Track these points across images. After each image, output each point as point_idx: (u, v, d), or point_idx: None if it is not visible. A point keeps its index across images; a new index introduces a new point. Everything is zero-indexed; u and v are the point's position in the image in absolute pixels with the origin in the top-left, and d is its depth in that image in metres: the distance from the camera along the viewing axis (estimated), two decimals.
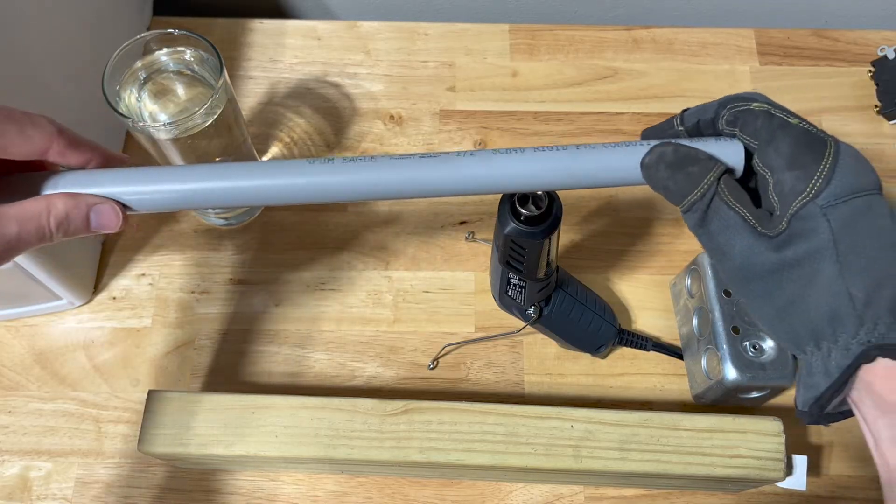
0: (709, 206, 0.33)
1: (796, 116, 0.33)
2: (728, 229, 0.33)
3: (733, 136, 0.35)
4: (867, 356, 0.30)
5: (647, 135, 0.38)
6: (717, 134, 0.35)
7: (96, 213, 0.33)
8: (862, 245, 0.30)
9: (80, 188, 0.34)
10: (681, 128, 0.36)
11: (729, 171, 0.34)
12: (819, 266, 0.31)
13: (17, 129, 0.32)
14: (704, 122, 0.36)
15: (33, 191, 0.33)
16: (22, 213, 0.31)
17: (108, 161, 0.36)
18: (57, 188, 0.33)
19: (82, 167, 0.35)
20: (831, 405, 0.31)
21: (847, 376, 0.30)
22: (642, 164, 0.34)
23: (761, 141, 0.33)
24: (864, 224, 0.31)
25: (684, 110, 0.37)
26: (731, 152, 0.34)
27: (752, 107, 0.34)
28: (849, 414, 0.32)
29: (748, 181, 0.35)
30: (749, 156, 0.34)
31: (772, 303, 0.33)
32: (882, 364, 0.30)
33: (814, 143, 0.32)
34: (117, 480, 0.51)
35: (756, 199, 0.34)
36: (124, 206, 0.34)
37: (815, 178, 0.31)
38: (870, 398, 0.30)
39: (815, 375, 0.31)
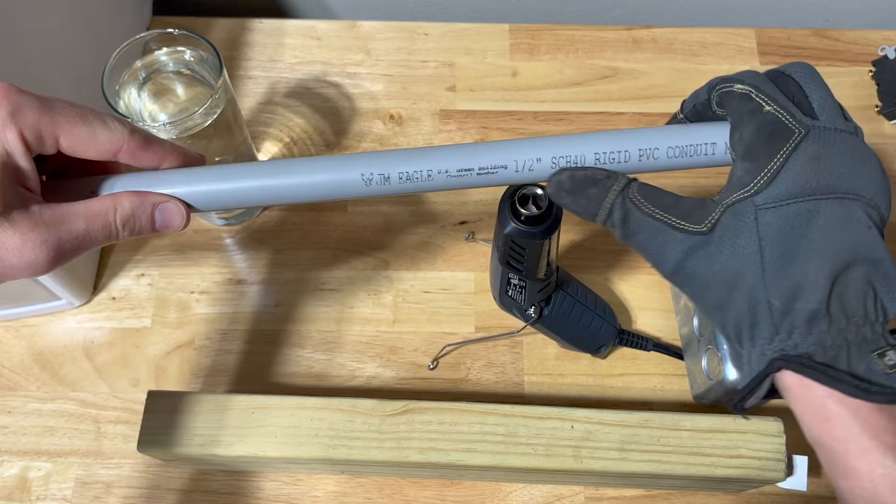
0: (624, 219, 0.33)
1: (778, 101, 0.32)
2: (654, 236, 0.32)
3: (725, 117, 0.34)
4: (773, 366, 0.30)
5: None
6: (715, 117, 0.35)
7: (161, 212, 0.33)
8: (787, 253, 0.30)
9: (144, 188, 0.34)
10: (681, 116, 0.36)
11: (634, 180, 0.33)
12: (743, 268, 0.30)
13: (88, 130, 0.32)
14: (700, 105, 0.35)
15: (98, 192, 0.34)
16: (89, 210, 0.32)
17: (184, 161, 0.35)
18: (122, 189, 0.33)
19: (156, 168, 0.35)
20: (749, 402, 0.32)
21: (758, 381, 0.31)
22: (548, 192, 0.35)
23: (732, 125, 0.33)
24: (798, 231, 0.30)
25: (684, 101, 0.37)
26: (718, 133, 0.34)
27: (734, 88, 0.33)
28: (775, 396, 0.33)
29: None
30: None
31: (703, 302, 0.32)
32: (790, 373, 0.30)
33: (776, 135, 0.31)
34: (117, 480, 0.51)
35: None
36: (188, 206, 0.34)
37: (762, 174, 0.30)
38: (792, 397, 0.31)
39: (742, 370, 0.32)
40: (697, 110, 0.36)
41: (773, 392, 0.32)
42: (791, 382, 0.30)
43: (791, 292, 0.30)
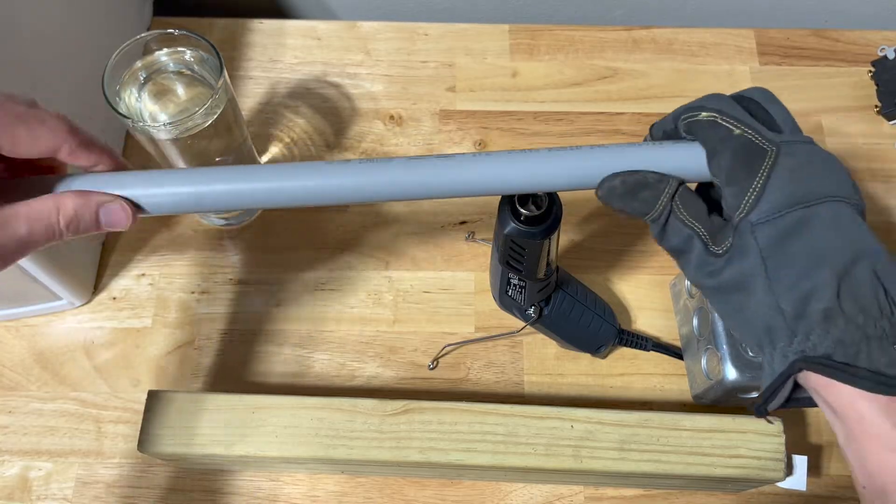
0: (666, 222, 0.34)
1: (744, 123, 0.33)
2: (684, 243, 0.34)
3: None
4: (794, 368, 0.30)
5: None
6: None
7: (106, 212, 0.33)
8: (789, 260, 0.31)
9: (93, 188, 0.34)
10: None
11: (683, 183, 0.35)
12: (753, 283, 0.32)
13: (26, 129, 0.32)
14: (668, 133, 0.36)
15: (43, 192, 0.33)
16: (31, 211, 0.32)
17: (117, 165, 0.35)
18: (68, 189, 0.33)
19: (91, 167, 0.35)
20: (773, 405, 0.32)
21: (781, 382, 0.31)
22: (598, 197, 0.35)
23: (708, 153, 0.34)
24: (794, 239, 0.31)
25: (652, 126, 0.38)
26: (694, 155, 0.35)
27: (699, 117, 0.34)
28: (807, 402, 0.33)
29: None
30: None
31: (723, 310, 0.34)
32: (813, 374, 0.30)
33: (751, 156, 0.32)
34: (117, 480, 0.51)
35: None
36: (136, 206, 0.34)
37: (748, 195, 0.32)
38: (821, 400, 0.31)
39: (765, 374, 0.33)
40: (668, 136, 0.37)
41: (797, 400, 0.33)
42: (817, 384, 0.31)
43: (800, 296, 0.31)
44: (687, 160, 0.35)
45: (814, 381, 0.31)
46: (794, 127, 0.34)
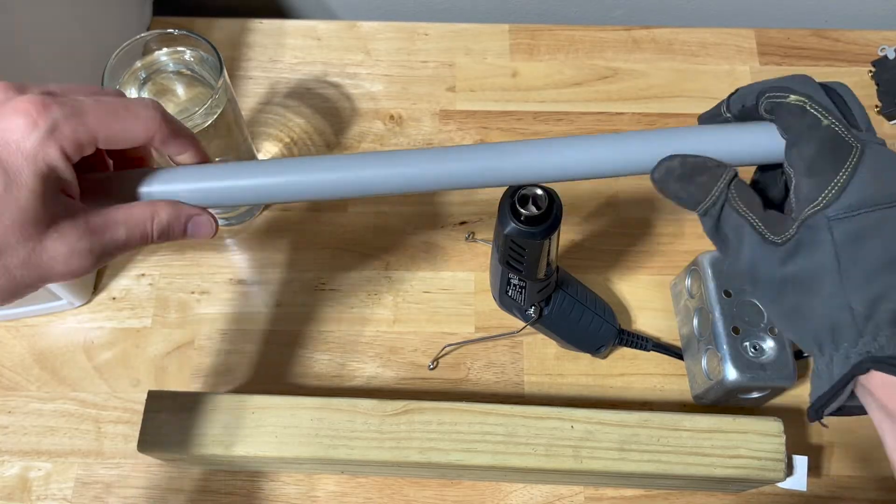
0: (721, 211, 0.34)
1: (833, 114, 0.32)
2: (738, 235, 0.33)
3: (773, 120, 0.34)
4: (861, 367, 0.30)
5: (702, 120, 0.37)
6: (760, 118, 0.35)
7: (194, 224, 0.35)
8: (866, 259, 0.30)
9: (176, 184, 0.34)
10: (728, 115, 0.36)
11: (737, 173, 0.34)
12: (821, 278, 0.31)
13: (121, 126, 0.32)
14: (748, 108, 0.35)
15: (127, 189, 0.34)
16: (130, 218, 0.33)
17: (201, 154, 0.36)
18: (151, 186, 0.34)
19: (179, 155, 0.35)
20: (830, 408, 0.32)
21: (843, 384, 0.31)
22: (653, 178, 0.34)
23: (789, 139, 0.33)
24: (872, 238, 0.30)
25: (732, 93, 0.36)
26: (766, 139, 0.34)
27: (788, 100, 0.33)
28: (856, 411, 0.33)
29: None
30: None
31: (778, 308, 0.33)
32: (878, 375, 0.30)
33: (837, 150, 0.32)
34: (117, 480, 0.51)
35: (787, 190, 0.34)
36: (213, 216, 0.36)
37: (829, 188, 0.31)
38: (874, 403, 0.31)
39: (821, 377, 0.32)
40: (745, 112, 0.36)
41: (848, 409, 0.32)
42: (876, 386, 0.30)
43: (873, 296, 0.30)
44: (759, 142, 0.34)
45: (873, 383, 0.30)
46: (871, 126, 0.33)
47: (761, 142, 0.34)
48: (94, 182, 0.34)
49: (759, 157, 0.34)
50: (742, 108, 0.35)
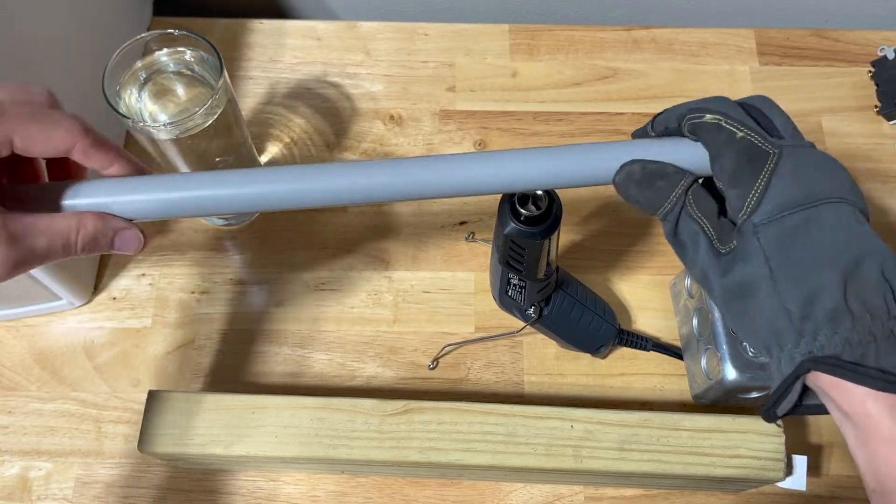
0: (679, 216, 0.34)
1: (748, 126, 0.33)
2: (694, 241, 0.34)
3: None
4: (802, 368, 0.30)
5: (635, 135, 0.38)
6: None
7: (122, 239, 0.34)
8: (794, 261, 0.31)
9: (102, 197, 0.34)
10: (652, 134, 0.37)
11: (698, 180, 0.35)
12: (758, 284, 0.32)
13: (41, 130, 0.32)
14: (671, 130, 0.36)
15: (54, 200, 0.34)
16: (52, 228, 0.32)
17: (132, 167, 0.36)
18: (77, 199, 0.34)
19: (104, 168, 0.35)
20: (782, 409, 0.32)
21: (787, 385, 0.31)
22: (613, 182, 0.35)
23: (711, 154, 0.34)
24: (798, 239, 0.31)
25: (656, 115, 0.37)
26: (697, 155, 0.35)
27: (704, 119, 0.34)
28: (816, 410, 0.33)
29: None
30: None
31: (729, 314, 0.34)
32: (824, 374, 0.30)
33: (754, 159, 0.32)
34: (117, 480, 0.51)
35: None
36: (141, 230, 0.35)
37: (751, 195, 0.32)
38: (829, 402, 0.31)
39: (773, 379, 0.32)
40: (669, 133, 0.37)
41: (808, 407, 0.33)
42: (826, 386, 0.30)
43: (806, 296, 0.30)
44: (690, 159, 0.35)
45: (823, 383, 0.30)
46: (794, 132, 0.34)
47: (696, 156, 0.35)
48: (18, 192, 0.33)
49: (698, 170, 0.35)
50: (665, 129, 0.37)
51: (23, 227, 0.31)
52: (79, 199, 0.34)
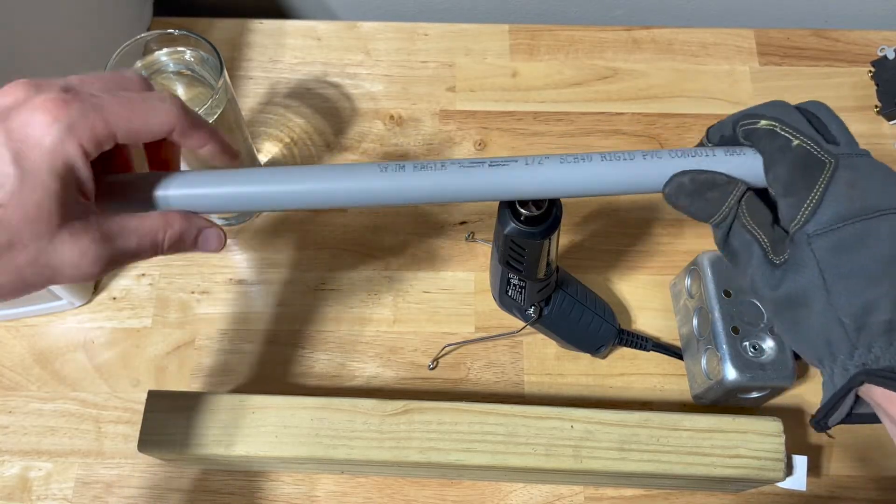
0: (731, 225, 0.34)
1: (804, 133, 0.33)
2: (747, 251, 0.34)
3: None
4: (856, 380, 0.30)
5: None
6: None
7: (204, 237, 0.35)
8: (849, 272, 0.31)
9: (191, 189, 0.34)
10: (709, 145, 0.37)
11: (751, 189, 0.34)
12: (811, 295, 0.31)
13: (140, 120, 0.32)
14: (727, 137, 0.36)
15: (150, 194, 0.34)
16: (142, 228, 0.32)
17: (223, 147, 0.36)
18: (168, 190, 0.34)
19: (200, 148, 0.35)
20: (833, 419, 0.32)
21: (840, 397, 0.31)
22: (664, 194, 0.35)
23: (765, 163, 0.34)
24: (854, 251, 0.31)
25: (710, 127, 0.37)
26: (751, 163, 0.34)
27: (759, 125, 0.34)
28: (868, 419, 0.33)
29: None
30: None
31: (780, 324, 0.34)
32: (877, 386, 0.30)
33: (809, 168, 0.32)
34: (117, 480, 0.51)
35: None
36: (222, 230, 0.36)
37: (805, 205, 0.32)
38: (882, 413, 0.31)
39: (826, 389, 0.32)
40: (725, 141, 0.36)
41: (860, 416, 0.32)
42: (880, 398, 0.30)
43: (861, 308, 0.30)
44: (742, 167, 0.34)
45: (876, 394, 0.30)
46: (850, 140, 0.34)
47: (748, 164, 0.34)
48: (109, 185, 0.34)
49: (750, 179, 0.35)
50: (721, 137, 0.36)
51: (117, 227, 0.32)
52: (168, 190, 0.34)
